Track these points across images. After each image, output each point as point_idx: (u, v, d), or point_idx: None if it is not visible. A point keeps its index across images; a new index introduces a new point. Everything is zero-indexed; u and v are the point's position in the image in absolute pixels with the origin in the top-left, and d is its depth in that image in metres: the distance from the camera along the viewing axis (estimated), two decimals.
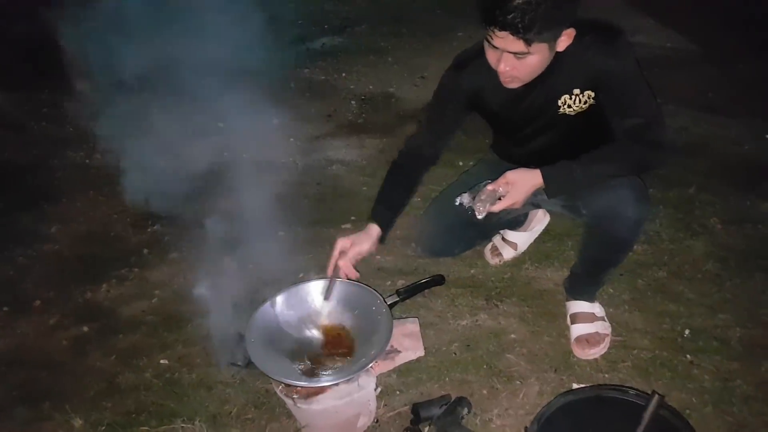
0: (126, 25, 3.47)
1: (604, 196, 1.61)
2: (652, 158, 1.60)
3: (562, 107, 1.60)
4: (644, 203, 1.62)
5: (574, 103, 1.59)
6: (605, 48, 1.50)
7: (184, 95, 3.68)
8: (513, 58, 1.42)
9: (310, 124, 3.47)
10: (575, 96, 1.58)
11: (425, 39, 4.64)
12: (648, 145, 1.56)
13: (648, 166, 1.64)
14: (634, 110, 1.54)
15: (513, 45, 1.37)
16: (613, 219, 1.61)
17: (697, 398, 1.69)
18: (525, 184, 1.60)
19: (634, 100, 1.53)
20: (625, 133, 1.57)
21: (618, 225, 1.62)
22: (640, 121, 1.54)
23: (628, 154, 1.57)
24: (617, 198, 1.59)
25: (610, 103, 1.57)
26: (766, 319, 1.92)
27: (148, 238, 2.57)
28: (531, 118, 1.68)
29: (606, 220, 1.64)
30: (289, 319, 1.73)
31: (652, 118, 1.55)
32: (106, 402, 1.82)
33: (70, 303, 2.24)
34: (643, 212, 1.62)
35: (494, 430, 1.65)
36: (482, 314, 2.03)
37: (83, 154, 3.26)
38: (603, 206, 1.62)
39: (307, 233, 2.46)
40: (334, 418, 1.58)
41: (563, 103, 1.59)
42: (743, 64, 3.65)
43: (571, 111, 1.61)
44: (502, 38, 1.37)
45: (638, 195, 1.61)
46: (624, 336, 1.91)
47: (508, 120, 1.74)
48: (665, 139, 1.58)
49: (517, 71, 1.46)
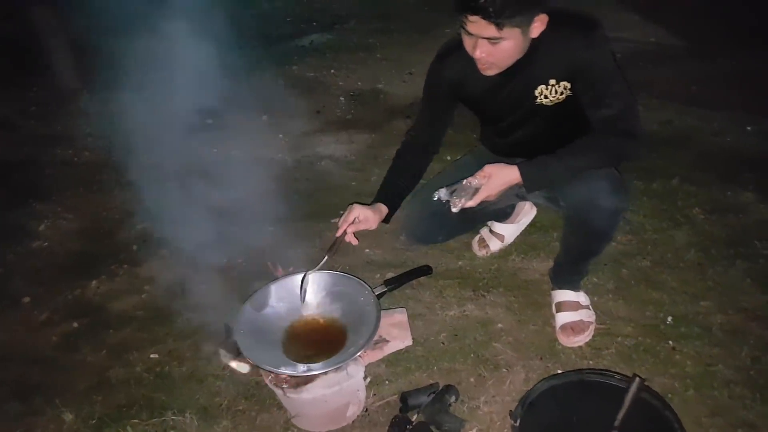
0: (113, 24, 3.47)
1: (581, 188, 1.64)
2: (626, 149, 1.62)
3: (539, 97, 1.63)
4: (620, 194, 1.65)
5: (551, 93, 1.62)
6: (581, 40, 1.52)
7: (173, 92, 3.68)
8: (488, 44, 1.45)
9: (299, 120, 3.48)
10: (551, 86, 1.60)
11: (413, 35, 4.66)
12: (622, 137, 1.59)
13: (623, 157, 1.67)
14: (608, 102, 1.57)
15: (486, 30, 1.41)
16: (591, 210, 1.65)
17: (680, 383, 1.73)
18: (501, 178, 1.63)
19: (609, 91, 1.56)
20: (600, 124, 1.60)
21: (595, 216, 1.65)
22: (614, 113, 1.57)
23: (602, 147, 1.60)
24: (594, 189, 1.62)
25: (586, 94, 1.60)
26: (746, 306, 1.96)
27: (138, 234, 2.58)
28: (510, 108, 1.71)
29: (584, 212, 1.67)
30: (278, 311, 1.74)
31: (626, 109, 1.58)
32: (97, 396, 1.84)
33: (60, 299, 2.25)
34: (619, 203, 1.65)
35: (481, 417, 1.67)
36: (470, 305, 2.06)
37: (72, 151, 3.26)
38: (580, 198, 1.66)
39: (297, 228, 2.47)
40: (323, 407, 1.61)
41: (540, 93, 1.62)
42: (725, 58, 3.70)
43: (548, 101, 1.64)
44: (475, 23, 1.41)
45: (614, 186, 1.64)
46: (608, 324, 1.94)
47: (488, 109, 1.77)
48: (639, 130, 1.61)
49: (493, 57, 1.49)
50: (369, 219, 1.74)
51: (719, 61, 3.69)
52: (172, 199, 2.66)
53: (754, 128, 2.95)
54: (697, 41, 4.02)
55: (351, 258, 2.33)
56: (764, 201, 2.41)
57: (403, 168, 1.91)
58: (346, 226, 1.73)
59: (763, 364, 1.75)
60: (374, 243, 2.40)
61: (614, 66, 1.56)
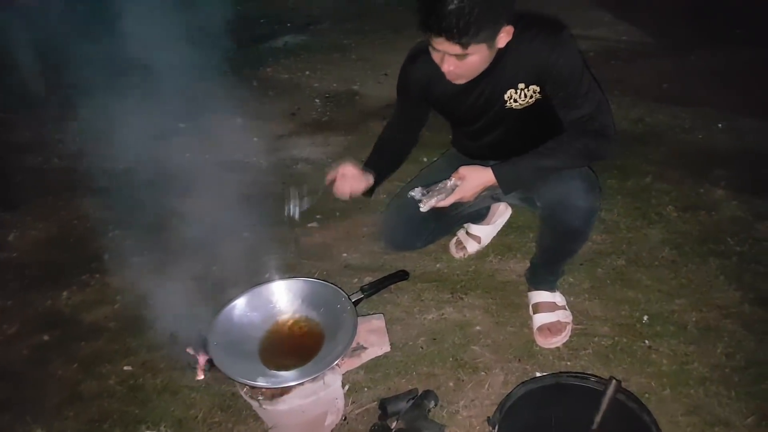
0: (81, 27, 3.39)
1: (556, 189, 1.64)
2: (598, 149, 1.62)
3: (508, 101, 1.63)
4: (594, 194, 1.66)
5: (520, 97, 1.62)
6: (548, 42, 1.52)
7: (143, 96, 3.62)
8: (454, 59, 1.45)
9: (274, 122, 3.45)
10: (520, 90, 1.60)
11: (388, 36, 4.65)
12: (593, 136, 1.59)
13: (595, 157, 1.67)
14: (579, 102, 1.57)
15: (451, 48, 1.41)
16: (566, 210, 1.65)
17: (656, 381, 1.74)
18: (476, 180, 1.63)
19: (579, 92, 1.56)
20: (572, 125, 1.60)
21: (570, 216, 1.66)
22: (586, 113, 1.57)
23: (574, 147, 1.59)
24: (568, 190, 1.63)
25: (556, 96, 1.60)
26: (719, 303, 1.98)
27: (109, 243, 2.52)
28: (480, 112, 1.71)
29: (559, 212, 1.67)
30: (253, 320, 1.72)
31: (597, 108, 1.58)
32: (69, 411, 1.79)
33: (29, 311, 2.19)
34: (593, 202, 1.66)
35: (461, 422, 1.67)
36: (448, 307, 2.06)
37: (41, 159, 3.19)
38: (555, 198, 1.66)
39: (272, 233, 2.44)
40: (301, 418, 1.58)
41: (509, 97, 1.62)
42: (695, 55, 3.75)
43: (517, 105, 1.63)
44: (440, 43, 1.41)
45: (588, 186, 1.65)
46: (585, 324, 1.95)
47: (457, 113, 1.77)
48: (610, 129, 1.61)
49: (461, 70, 1.49)
50: (357, 177, 1.76)
51: (690, 58, 3.74)
52: (144, 206, 2.61)
53: (725, 125, 2.98)
54: (668, 39, 4.08)
55: (328, 263, 2.31)
56: (736, 198, 2.44)
57: (385, 150, 1.95)
58: (334, 175, 1.75)
59: (737, 361, 1.77)
60: (351, 247, 2.39)
61: (583, 66, 1.55)
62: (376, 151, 1.94)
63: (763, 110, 3.04)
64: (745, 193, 2.46)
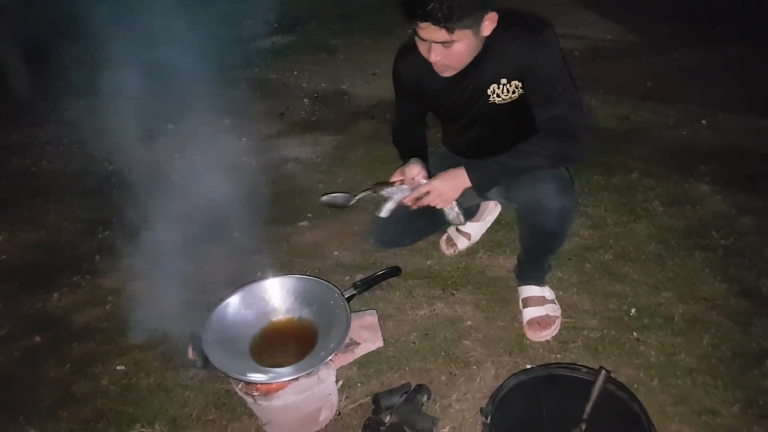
0: (67, 28, 3.38)
1: (529, 191, 1.67)
2: (567, 150, 1.64)
3: (491, 96, 1.65)
4: (567, 194, 1.68)
5: (503, 92, 1.64)
6: (531, 39, 1.54)
7: (131, 97, 3.61)
8: (441, 48, 1.46)
9: (263, 123, 3.46)
10: (503, 85, 1.62)
11: (375, 36, 4.67)
12: (564, 138, 1.61)
13: (565, 159, 1.69)
14: (553, 102, 1.58)
15: (437, 35, 1.42)
16: (539, 211, 1.67)
17: (645, 373, 1.77)
18: (451, 183, 1.66)
19: (555, 92, 1.58)
20: (544, 125, 1.62)
21: (544, 217, 1.68)
22: (558, 113, 1.59)
23: (544, 149, 1.61)
24: (541, 192, 1.65)
25: (533, 93, 1.62)
26: (705, 296, 2.02)
27: (100, 245, 2.52)
28: (465, 107, 1.73)
29: (533, 214, 1.70)
30: (246, 318, 1.73)
31: (570, 110, 1.59)
32: (62, 412, 1.79)
33: (20, 313, 2.18)
34: (566, 203, 1.67)
35: (453, 415, 1.69)
36: (439, 303, 2.08)
37: (29, 161, 3.18)
38: (529, 200, 1.69)
39: (263, 233, 2.45)
40: (295, 413, 1.59)
41: (492, 92, 1.64)
42: (678, 53, 3.81)
43: (500, 100, 1.65)
44: (426, 29, 1.42)
45: (561, 187, 1.67)
46: (574, 317, 1.98)
47: (444, 108, 1.79)
48: (581, 131, 1.62)
49: (448, 59, 1.50)
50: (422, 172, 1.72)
51: (673, 56, 3.80)
52: (134, 207, 2.61)
53: (708, 122, 3.03)
54: (651, 37, 4.14)
55: (320, 261, 2.33)
56: (720, 193, 2.49)
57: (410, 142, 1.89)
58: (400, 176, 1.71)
59: (723, 352, 1.81)
60: (343, 245, 2.40)
61: (562, 66, 1.57)
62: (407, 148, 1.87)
63: (744, 106, 3.10)
64: (728, 188, 2.50)
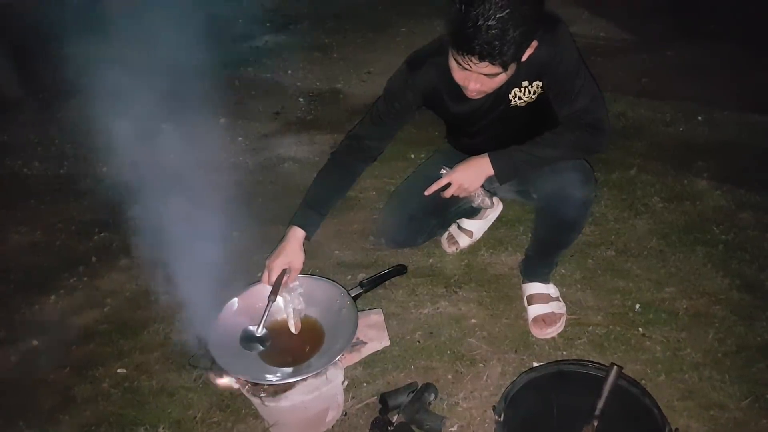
0: (59, 28, 3.33)
1: (552, 180, 1.67)
2: (592, 142, 1.65)
3: (513, 100, 1.65)
4: (590, 185, 1.70)
5: (524, 94, 1.63)
6: (547, 38, 1.53)
7: (124, 97, 3.57)
8: (485, 78, 1.42)
9: (259, 122, 3.43)
10: (524, 88, 1.62)
11: (368, 34, 4.65)
12: (588, 130, 1.61)
13: (589, 150, 1.70)
14: (575, 96, 1.59)
15: (488, 69, 1.38)
16: (562, 201, 1.68)
17: (651, 368, 1.77)
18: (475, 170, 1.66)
19: (574, 86, 1.58)
20: (567, 119, 1.62)
21: (567, 206, 1.69)
22: (581, 106, 1.59)
23: (569, 139, 1.62)
24: (565, 181, 1.66)
25: (553, 90, 1.62)
26: (708, 290, 2.03)
27: (96, 246, 2.49)
28: (485, 114, 1.72)
29: (555, 202, 1.70)
30: (252, 318, 1.70)
31: (592, 103, 1.60)
32: (63, 416, 1.76)
33: (17, 317, 2.14)
34: (589, 193, 1.69)
35: (461, 414, 1.68)
36: (443, 301, 2.06)
37: (21, 162, 3.12)
38: (552, 189, 1.68)
39: (263, 232, 2.42)
40: (303, 414, 1.58)
41: (514, 96, 1.64)
42: (672, 50, 3.82)
43: (521, 102, 1.65)
44: (477, 64, 1.37)
45: (584, 177, 1.68)
46: (578, 314, 1.97)
47: (461, 116, 1.77)
48: (605, 123, 1.63)
49: (487, 86, 1.47)
50: (294, 262, 1.70)
51: (667, 54, 3.81)
52: (129, 208, 2.57)
53: (705, 117, 3.05)
54: (645, 34, 4.15)
55: (321, 260, 2.30)
56: (718, 188, 2.49)
57: (335, 178, 1.81)
58: (278, 287, 1.66)
59: (729, 346, 1.82)
60: (343, 244, 2.38)
61: (579, 60, 1.58)
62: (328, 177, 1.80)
63: (739, 102, 3.12)
64: (727, 183, 2.51)
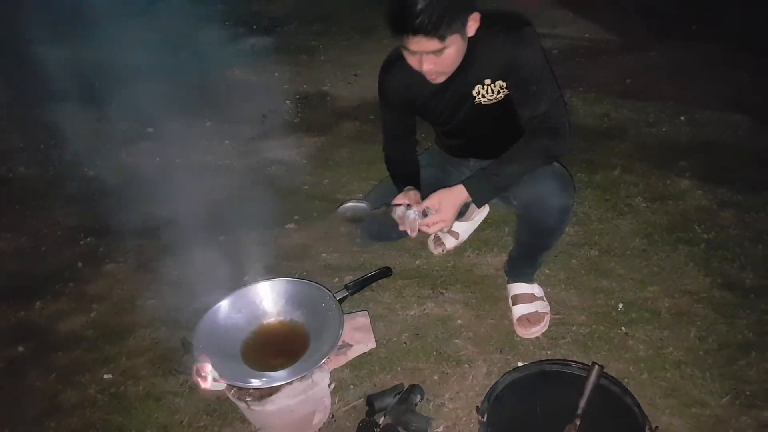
0: (43, 32, 3.31)
1: (531, 189, 1.68)
2: (554, 147, 1.65)
3: (477, 97, 1.66)
4: (568, 192, 1.71)
5: (488, 93, 1.65)
6: (513, 38, 1.55)
7: (109, 101, 3.56)
8: (433, 57, 1.46)
9: (246, 125, 3.42)
10: (487, 86, 1.63)
11: (355, 37, 4.66)
12: (549, 135, 1.62)
13: (552, 155, 1.70)
14: (536, 100, 1.60)
15: (428, 45, 1.42)
16: (541, 209, 1.69)
17: (634, 367, 1.79)
18: (451, 203, 1.66)
19: (537, 90, 1.59)
20: (528, 123, 1.64)
21: (546, 215, 1.70)
22: (542, 111, 1.60)
23: (532, 149, 1.63)
24: (543, 189, 1.67)
25: (516, 92, 1.63)
26: (690, 289, 2.05)
27: (82, 251, 2.48)
28: (453, 110, 1.74)
29: (534, 211, 1.72)
30: (237, 322, 1.71)
31: (553, 107, 1.61)
32: (49, 422, 1.76)
33: (2, 323, 2.14)
34: (568, 201, 1.70)
35: (447, 414, 1.69)
36: (429, 303, 2.08)
37: (5, 168, 3.11)
38: (530, 198, 1.70)
39: (250, 236, 2.42)
40: (289, 418, 1.58)
41: (477, 93, 1.65)
42: (655, 51, 3.86)
43: (485, 101, 1.66)
44: (416, 42, 1.42)
45: (562, 184, 1.70)
46: (562, 313, 1.99)
47: (434, 113, 1.79)
48: (565, 127, 1.64)
49: (440, 66, 1.50)
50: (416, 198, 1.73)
51: (650, 54, 3.85)
52: (116, 212, 2.57)
53: (687, 118, 3.08)
54: (628, 35, 4.18)
55: (308, 263, 2.31)
56: (701, 187, 2.52)
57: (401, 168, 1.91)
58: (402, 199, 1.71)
59: (710, 344, 1.84)
60: (330, 247, 2.39)
61: (543, 64, 1.59)
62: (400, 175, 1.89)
63: (721, 102, 3.16)
64: (709, 183, 2.54)
